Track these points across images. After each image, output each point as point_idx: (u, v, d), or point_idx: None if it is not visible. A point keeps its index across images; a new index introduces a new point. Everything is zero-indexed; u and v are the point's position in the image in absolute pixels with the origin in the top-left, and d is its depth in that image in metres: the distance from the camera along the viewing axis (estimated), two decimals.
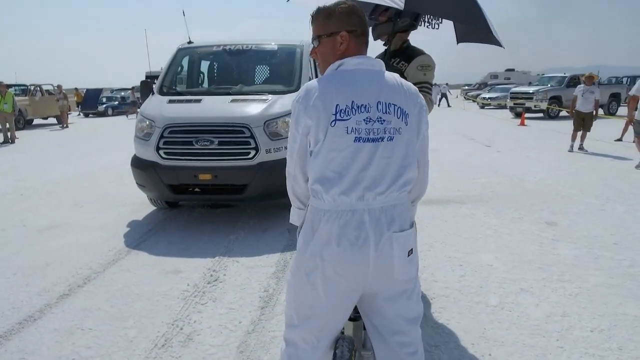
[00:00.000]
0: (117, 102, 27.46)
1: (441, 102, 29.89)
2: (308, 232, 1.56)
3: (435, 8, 2.70)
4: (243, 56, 5.83)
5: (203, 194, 4.99)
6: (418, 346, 1.66)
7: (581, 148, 9.62)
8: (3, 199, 6.33)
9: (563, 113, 17.11)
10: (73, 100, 24.39)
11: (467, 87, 44.64)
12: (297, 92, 1.55)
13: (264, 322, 2.93)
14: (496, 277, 3.52)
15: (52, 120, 21.04)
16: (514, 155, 9.37)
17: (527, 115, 17.85)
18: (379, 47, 2.94)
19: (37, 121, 20.89)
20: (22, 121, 18.19)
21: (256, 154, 4.57)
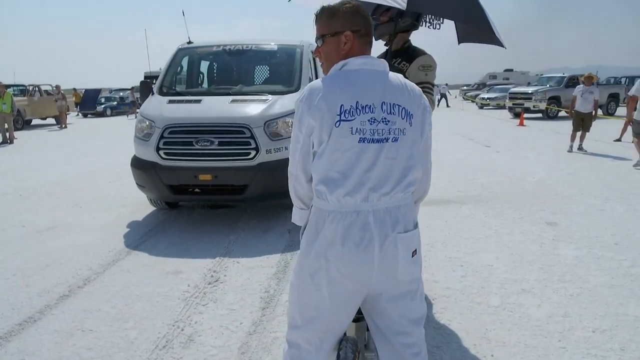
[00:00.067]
0: (116, 103, 27.44)
1: (440, 103, 29.91)
2: (312, 233, 1.55)
3: (437, 8, 2.70)
4: (243, 56, 5.82)
5: (203, 195, 4.98)
6: (422, 347, 1.66)
7: (580, 148, 9.63)
8: (2, 200, 6.32)
9: (562, 113, 17.14)
10: (71, 100, 24.36)
11: (466, 88, 44.66)
12: (301, 92, 1.54)
13: (265, 323, 2.92)
14: (497, 278, 3.52)
15: (51, 120, 21.01)
16: (513, 155, 9.38)
17: (526, 115, 17.85)
18: (380, 47, 2.94)
19: (36, 121, 20.87)
20: (21, 121, 18.18)
21: (256, 155, 4.57)
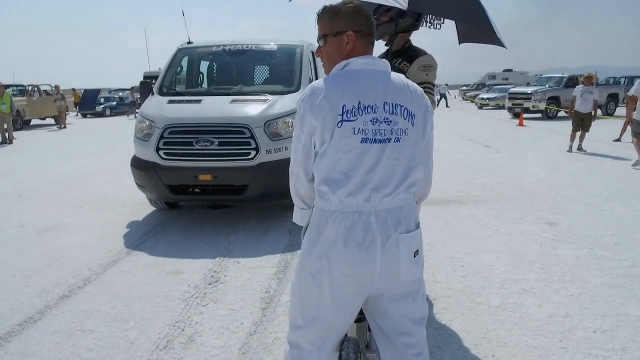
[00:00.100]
0: (115, 103, 27.39)
1: (440, 103, 29.92)
2: (314, 233, 1.54)
3: (437, 8, 2.69)
4: (243, 56, 5.81)
5: (203, 195, 4.98)
6: (423, 347, 1.66)
7: (580, 148, 9.63)
8: (2, 200, 6.31)
9: (561, 113, 17.15)
10: (71, 100, 24.33)
11: (465, 88, 44.66)
12: (303, 92, 1.54)
13: (266, 324, 2.92)
14: (497, 278, 3.52)
15: (50, 120, 20.98)
16: (513, 155, 9.38)
17: (526, 115, 17.85)
18: (381, 47, 2.94)
19: (35, 121, 20.82)
20: (20, 122, 18.16)
21: (256, 155, 4.56)
